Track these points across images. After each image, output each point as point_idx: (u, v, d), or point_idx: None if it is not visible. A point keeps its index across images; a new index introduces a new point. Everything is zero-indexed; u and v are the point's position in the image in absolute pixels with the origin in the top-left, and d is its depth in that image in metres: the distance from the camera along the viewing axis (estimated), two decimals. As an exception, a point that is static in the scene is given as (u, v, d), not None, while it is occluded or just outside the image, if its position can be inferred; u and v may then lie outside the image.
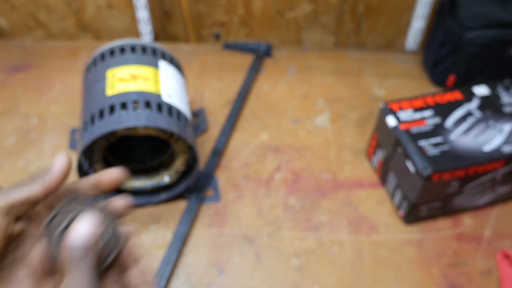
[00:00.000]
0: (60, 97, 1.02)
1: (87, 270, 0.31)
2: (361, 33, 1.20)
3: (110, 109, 0.71)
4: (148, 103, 0.73)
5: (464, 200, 0.80)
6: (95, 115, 0.71)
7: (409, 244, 0.78)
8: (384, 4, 1.13)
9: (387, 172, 0.84)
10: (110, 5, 1.15)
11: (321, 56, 1.16)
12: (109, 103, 0.71)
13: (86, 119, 0.73)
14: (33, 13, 1.17)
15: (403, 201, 0.79)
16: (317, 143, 0.94)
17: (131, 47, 0.81)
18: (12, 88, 1.04)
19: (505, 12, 0.97)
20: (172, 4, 1.15)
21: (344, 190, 0.86)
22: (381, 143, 0.84)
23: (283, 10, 1.15)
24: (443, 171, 0.72)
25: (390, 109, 0.81)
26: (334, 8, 1.14)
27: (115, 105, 0.71)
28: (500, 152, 0.75)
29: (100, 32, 1.21)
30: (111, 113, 0.70)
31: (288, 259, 0.75)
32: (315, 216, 0.82)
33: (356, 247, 0.77)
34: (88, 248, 0.32)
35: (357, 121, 0.99)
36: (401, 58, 1.16)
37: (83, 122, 0.73)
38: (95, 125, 0.70)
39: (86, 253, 0.32)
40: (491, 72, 1.02)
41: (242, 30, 1.20)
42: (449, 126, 0.79)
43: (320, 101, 1.03)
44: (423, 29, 1.16)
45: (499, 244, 0.78)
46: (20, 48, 1.15)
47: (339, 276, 0.74)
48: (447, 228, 0.81)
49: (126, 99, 0.72)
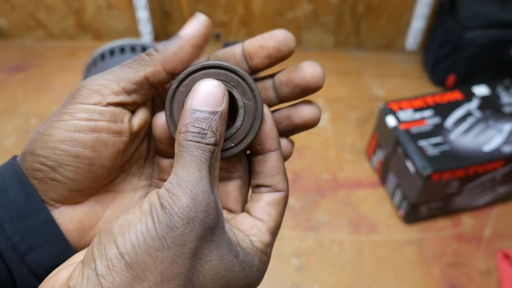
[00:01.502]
0: (60, 97, 1.02)
1: (204, 156, 0.24)
2: (361, 33, 1.20)
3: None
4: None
5: (464, 200, 0.80)
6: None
7: (409, 244, 0.78)
8: (384, 4, 1.13)
9: (387, 172, 0.84)
10: (110, 5, 1.15)
11: (321, 56, 1.16)
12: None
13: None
14: (33, 13, 1.17)
15: (403, 201, 0.79)
16: (317, 143, 0.94)
17: (131, 47, 0.81)
18: (12, 88, 1.04)
19: (505, 12, 0.97)
20: (172, 4, 1.15)
21: (344, 190, 0.86)
22: (381, 143, 0.84)
23: (283, 10, 1.15)
24: (443, 171, 0.72)
25: (390, 109, 0.81)
26: (334, 8, 1.14)
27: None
28: (500, 152, 0.75)
29: (100, 32, 1.21)
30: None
31: (288, 259, 0.75)
32: (315, 216, 0.81)
33: (356, 247, 0.77)
34: (208, 121, 0.25)
35: (357, 121, 0.99)
36: (401, 58, 1.16)
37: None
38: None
39: (205, 129, 0.25)
40: (491, 72, 1.02)
41: (242, 30, 1.20)
42: (449, 126, 0.79)
43: (320, 101, 1.03)
44: (423, 29, 1.16)
45: (499, 244, 0.78)
46: (20, 48, 1.15)
47: (339, 276, 0.74)
48: (447, 228, 0.81)
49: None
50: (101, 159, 0.27)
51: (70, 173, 0.26)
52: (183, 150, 0.24)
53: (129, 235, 0.22)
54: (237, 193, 0.30)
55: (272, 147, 0.29)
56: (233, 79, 0.27)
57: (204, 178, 0.24)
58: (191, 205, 0.23)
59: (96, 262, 0.22)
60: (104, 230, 0.23)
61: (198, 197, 0.23)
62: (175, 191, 0.23)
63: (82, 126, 0.26)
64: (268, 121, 0.29)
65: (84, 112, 0.26)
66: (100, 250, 0.22)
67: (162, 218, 0.23)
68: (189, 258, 0.23)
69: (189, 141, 0.24)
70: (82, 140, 0.26)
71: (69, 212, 0.28)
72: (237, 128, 0.28)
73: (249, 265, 0.26)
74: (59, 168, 0.26)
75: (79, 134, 0.26)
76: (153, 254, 0.22)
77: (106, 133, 0.27)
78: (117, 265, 0.22)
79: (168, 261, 0.22)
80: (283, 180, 0.29)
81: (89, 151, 0.26)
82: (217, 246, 0.24)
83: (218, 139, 0.25)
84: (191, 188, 0.23)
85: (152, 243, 0.22)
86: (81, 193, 0.28)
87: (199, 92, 0.25)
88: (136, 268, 0.22)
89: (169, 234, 0.22)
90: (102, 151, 0.27)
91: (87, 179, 0.27)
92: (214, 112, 0.25)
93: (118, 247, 0.22)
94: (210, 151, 0.25)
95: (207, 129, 0.25)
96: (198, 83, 0.26)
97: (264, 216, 0.28)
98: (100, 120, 0.26)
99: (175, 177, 0.24)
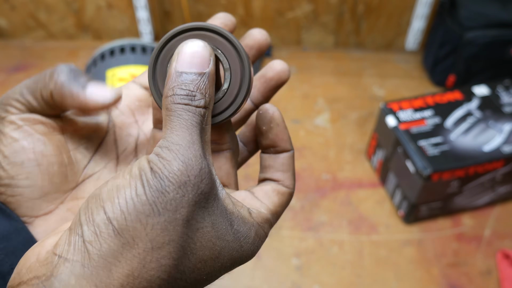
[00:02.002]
0: (60, 97, 1.02)
1: (194, 119, 0.23)
2: (361, 33, 1.20)
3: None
4: (148, 103, 0.72)
5: (464, 200, 0.80)
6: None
7: (409, 244, 0.78)
8: (384, 4, 1.13)
9: (387, 172, 0.84)
10: (110, 5, 1.15)
11: (321, 56, 1.16)
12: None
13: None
14: (33, 13, 1.17)
15: (403, 201, 0.79)
16: (317, 143, 0.94)
17: (131, 47, 0.81)
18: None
19: (505, 12, 0.97)
20: (172, 4, 1.15)
21: (344, 190, 0.86)
22: (381, 143, 0.84)
23: (283, 10, 1.15)
24: (443, 171, 0.72)
25: (390, 109, 0.81)
26: (334, 8, 1.14)
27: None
28: (500, 152, 0.75)
29: (100, 32, 1.21)
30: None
31: (288, 259, 0.75)
32: (315, 216, 0.81)
33: (356, 247, 0.77)
34: (196, 82, 0.24)
35: (357, 121, 0.99)
36: (401, 58, 1.16)
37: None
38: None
39: (193, 91, 0.24)
40: (491, 72, 1.02)
41: (242, 30, 1.20)
42: (449, 126, 0.79)
43: (320, 101, 1.03)
44: (423, 29, 1.16)
45: (499, 244, 0.78)
46: (20, 48, 1.15)
47: (339, 276, 0.74)
48: (447, 228, 0.81)
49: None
50: (46, 157, 0.27)
51: (24, 181, 0.26)
52: (171, 114, 0.23)
53: (118, 200, 0.21)
54: (228, 166, 0.29)
55: (286, 148, 0.29)
56: (217, 40, 0.26)
57: (195, 142, 0.23)
58: (183, 169, 0.22)
59: (83, 228, 0.21)
60: (91, 195, 0.23)
61: (190, 161, 0.22)
62: (165, 155, 0.22)
63: (15, 137, 0.26)
64: (280, 124, 0.29)
65: (10, 124, 0.26)
66: (87, 216, 0.22)
67: (152, 182, 0.21)
68: (181, 224, 0.22)
69: (178, 104, 0.23)
70: (20, 146, 0.26)
71: (41, 223, 0.27)
72: (224, 91, 0.26)
73: (244, 236, 0.25)
74: (12, 181, 0.26)
75: (16, 143, 0.26)
76: (143, 220, 0.21)
77: (38, 134, 0.27)
78: (105, 231, 0.21)
79: (159, 228, 0.21)
80: (292, 179, 0.29)
81: (31, 154, 0.26)
82: (210, 213, 0.23)
83: (207, 101, 0.24)
84: (182, 152, 0.22)
85: (142, 209, 0.21)
86: (46, 199, 0.27)
87: (184, 53, 0.24)
88: (125, 234, 0.21)
89: (160, 199, 0.21)
90: (43, 149, 0.27)
91: (44, 182, 0.27)
92: (201, 73, 0.24)
93: (106, 212, 0.21)
94: (200, 114, 0.24)
95: (195, 91, 0.24)
96: (182, 45, 0.25)
97: (266, 200, 0.28)
98: (26, 125, 0.27)
99: (164, 141, 0.23)
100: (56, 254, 0.22)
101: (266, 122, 0.29)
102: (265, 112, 0.29)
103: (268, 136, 0.29)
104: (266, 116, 0.29)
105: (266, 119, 0.29)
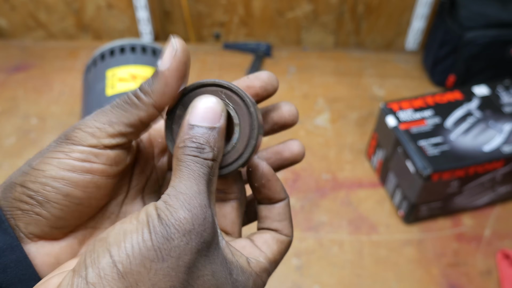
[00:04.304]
0: (60, 97, 1.02)
1: (201, 170, 0.25)
2: (361, 33, 1.20)
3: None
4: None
5: (464, 200, 0.80)
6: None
7: (409, 244, 0.78)
8: (384, 4, 1.13)
9: (387, 172, 0.84)
10: (110, 5, 1.15)
11: (321, 56, 1.16)
12: (109, 103, 0.71)
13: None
14: (33, 13, 1.17)
15: (403, 201, 0.79)
16: (317, 143, 0.94)
17: (131, 47, 0.81)
18: (12, 88, 1.04)
19: (505, 12, 0.97)
20: (172, 4, 1.15)
21: (344, 190, 0.86)
22: (381, 143, 0.84)
23: (283, 10, 1.15)
24: (443, 171, 0.72)
25: (390, 109, 0.81)
26: (334, 8, 1.14)
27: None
28: (500, 152, 0.75)
29: (100, 32, 1.21)
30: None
31: (288, 259, 0.75)
32: (315, 216, 0.81)
33: (356, 247, 0.77)
34: (206, 136, 0.25)
35: (357, 121, 0.99)
36: (401, 58, 1.16)
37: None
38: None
39: (203, 144, 0.25)
40: (491, 72, 1.02)
41: (242, 30, 1.20)
42: (449, 126, 0.79)
43: (320, 101, 1.03)
44: (423, 29, 1.16)
45: (499, 244, 0.78)
46: (20, 48, 1.15)
47: (339, 276, 0.74)
48: (447, 228, 0.81)
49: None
50: (91, 200, 0.27)
51: (57, 210, 0.26)
52: (181, 164, 0.25)
53: (124, 244, 0.22)
54: (234, 215, 0.30)
55: (280, 198, 0.30)
56: (229, 96, 0.28)
57: (202, 192, 0.24)
58: (188, 218, 0.23)
59: (88, 270, 0.22)
60: (98, 238, 0.23)
61: (196, 210, 0.23)
62: (172, 203, 0.23)
63: (76, 167, 0.26)
64: (272, 178, 0.30)
65: (79, 153, 0.26)
66: (92, 258, 0.22)
67: (158, 229, 0.22)
68: (184, 271, 0.22)
69: (187, 155, 0.25)
70: (74, 180, 0.26)
71: (46, 246, 0.27)
72: (233, 145, 0.28)
73: (242, 285, 0.25)
74: (46, 204, 0.26)
75: (73, 173, 0.26)
76: (147, 265, 0.22)
77: (99, 176, 0.26)
78: (109, 274, 0.21)
79: (162, 273, 0.22)
80: (289, 226, 0.30)
81: (80, 191, 0.26)
82: (211, 261, 0.24)
83: (216, 154, 0.25)
84: (189, 201, 0.23)
85: (147, 254, 0.22)
86: (63, 230, 0.27)
87: (197, 108, 0.26)
88: (129, 278, 0.21)
89: (165, 246, 0.22)
90: (93, 192, 0.27)
91: (72, 218, 0.27)
92: (212, 127, 0.25)
93: (112, 255, 0.22)
94: (208, 166, 0.25)
95: (205, 144, 0.25)
96: (197, 99, 0.26)
97: (265, 248, 0.29)
98: (96, 162, 0.26)
99: (172, 189, 0.24)
100: None
101: (257, 179, 0.29)
102: (254, 170, 0.29)
103: (261, 191, 0.30)
104: (256, 174, 0.29)
105: (257, 176, 0.29)
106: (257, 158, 0.30)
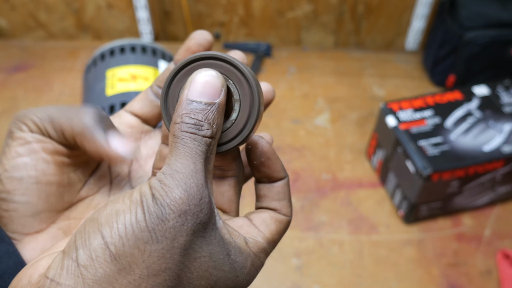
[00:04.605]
0: (60, 97, 1.02)
1: (199, 148, 0.24)
2: (361, 33, 1.20)
3: (110, 109, 0.71)
4: (148, 103, 0.72)
5: (464, 200, 0.80)
6: (95, 115, 0.71)
7: (409, 244, 0.78)
8: (384, 4, 1.13)
9: (387, 172, 0.84)
10: (110, 5, 1.15)
11: (321, 56, 1.16)
12: (109, 103, 0.71)
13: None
14: (33, 13, 1.17)
15: (403, 201, 0.79)
16: (317, 143, 0.94)
17: (131, 47, 0.81)
18: (12, 88, 1.04)
19: (505, 12, 0.97)
20: (172, 4, 1.15)
21: (344, 190, 0.86)
22: (381, 143, 0.84)
23: (283, 10, 1.15)
24: (443, 171, 0.72)
25: (390, 109, 0.81)
26: (334, 8, 1.14)
27: (115, 105, 0.71)
28: (500, 152, 0.75)
29: (100, 32, 1.21)
30: (111, 113, 0.70)
31: (288, 259, 0.75)
32: (315, 216, 0.81)
33: (356, 247, 0.77)
34: (205, 112, 0.24)
35: (357, 121, 0.99)
36: (401, 58, 1.16)
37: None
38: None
39: (201, 121, 0.24)
40: (491, 72, 1.02)
41: (242, 30, 1.20)
42: (449, 126, 0.79)
43: (320, 101, 1.03)
44: (423, 29, 1.16)
45: (499, 244, 0.78)
46: (20, 48, 1.15)
47: (339, 276, 0.74)
48: (447, 228, 0.81)
49: (126, 99, 0.72)
50: (46, 176, 0.27)
51: (20, 197, 0.26)
52: (177, 141, 0.24)
53: (116, 225, 0.21)
54: (231, 193, 0.29)
55: (281, 177, 0.29)
56: (229, 70, 0.26)
57: (198, 171, 0.23)
58: (184, 198, 0.22)
59: (78, 252, 0.21)
60: (89, 218, 0.22)
61: (192, 190, 0.22)
62: (167, 182, 0.22)
63: (20, 152, 0.26)
64: (272, 156, 0.28)
65: (19, 139, 0.27)
66: (83, 240, 0.21)
67: (153, 209, 0.21)
68: (179, 253, 0.22)
69: (184, 132, 0.24)
70: (22, 162, 0.26)
71: (30, 241, 0.27)
72: (232, 122, 0.26)
73: (240, 266, 0.25)
74: (8, 196, 0.26)
75: (19, 159, 0.26)
76: (141, 247, 0.21)
77: (44, 152, 0.27)
78: (101, 256, 0.21)
79: (156, 255, 0.21)
80: (288, 206, 0.29)
81: (32, 171, 0.26)
82: (208, 242, 0.23)
83: (214, 131, 0.24)
84: (185, 180, 0.22)
85: (141, 235, 0.21)
86: (39, 218, 0.27)
87: (196, 82, 0.24)
88: (122, 260, 0.21)
89: (159, 227, 0.21)
90: (45, 168, 0.27)
91: (40, 200, 0.27)
92: (211, 103, 0.24)
93: (104, 237, 0.21)
94: (206, 144, 0.24)
95: (203, 121, 0.24)
96: (196, 73, 0.25)
97: (263, 227, 0.28)
98: (34, 142, 0.27)
99: (168, 168, 0.23)
100: (48, 278, 0.21)
101: (256, 157, 0.28)
102: (254, 147, 0.28)
103: (261, 170, 0.29)
104: (255, 151, 0.28)
105: (256, 154, 0.28)
106: (256, 135, 0.29)
